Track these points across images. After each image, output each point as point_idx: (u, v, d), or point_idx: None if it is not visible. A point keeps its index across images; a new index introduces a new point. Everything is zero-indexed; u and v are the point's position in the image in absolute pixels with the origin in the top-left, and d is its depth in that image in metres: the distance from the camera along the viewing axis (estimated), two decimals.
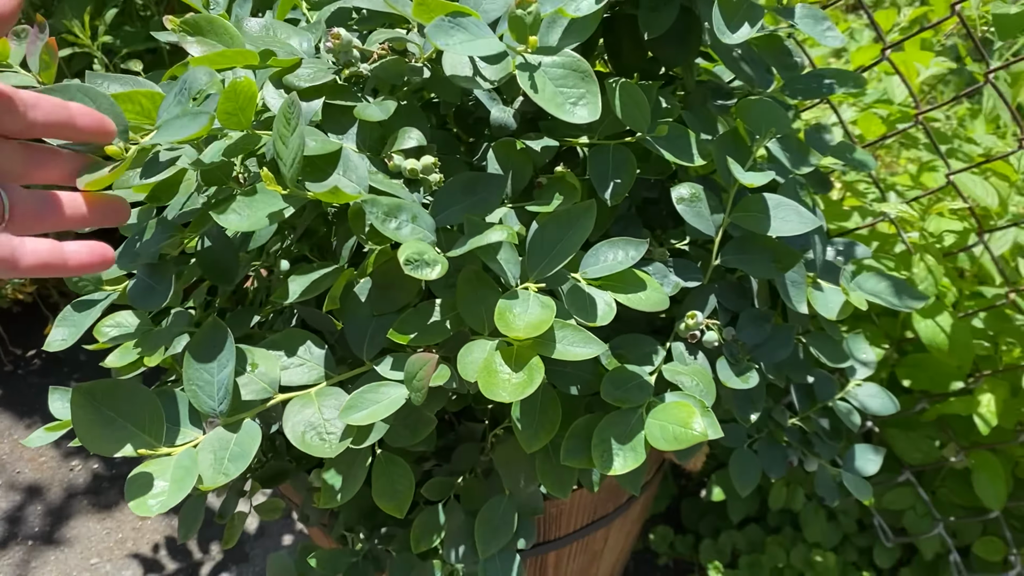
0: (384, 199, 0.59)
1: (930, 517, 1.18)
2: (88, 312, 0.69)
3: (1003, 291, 1.01)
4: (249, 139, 0.62)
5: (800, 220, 0.67)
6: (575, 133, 0.73)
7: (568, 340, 0.57)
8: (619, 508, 0.94)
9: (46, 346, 0.69)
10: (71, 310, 0.70)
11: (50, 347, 0.69)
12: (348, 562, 0.76)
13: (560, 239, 0.61)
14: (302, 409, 0.59)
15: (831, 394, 0.86)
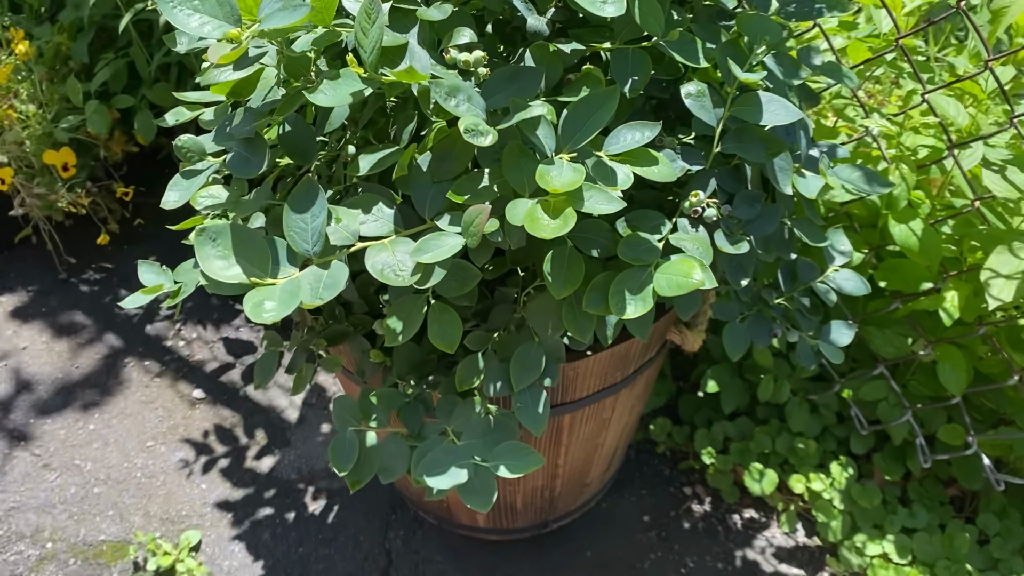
0: (446, 81, 0.72)
1: (900, 406, 1.33)
2: (195, 179, 0.83)
3: (970, 199, 1.15)
4: (331, 33, 0.75)
5: (787, 112, 0.80)
6: (599, 39, 0.86)
7: (594, 199, 0.71)
8: (626, 379, 1.09)
9: (163, 204, 0.82)
10: (180, 178, 0.83)
11: (166, 206, 0.82)
12: (402, 401, 0.90)
13: (588, 117, 0.74)
14: (379, 253, 0.73)
15: (812, 277, 1.00)
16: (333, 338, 0.98)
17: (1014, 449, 1.29)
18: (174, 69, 1.84)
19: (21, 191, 1.74)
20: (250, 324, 1.79)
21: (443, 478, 0.82)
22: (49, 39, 1.87)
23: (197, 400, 1.64)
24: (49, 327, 1.78)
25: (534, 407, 0.86)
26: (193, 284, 0.92)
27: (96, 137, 1.85)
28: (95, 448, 1.56)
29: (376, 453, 0.89)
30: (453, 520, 1.34)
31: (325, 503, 1.46)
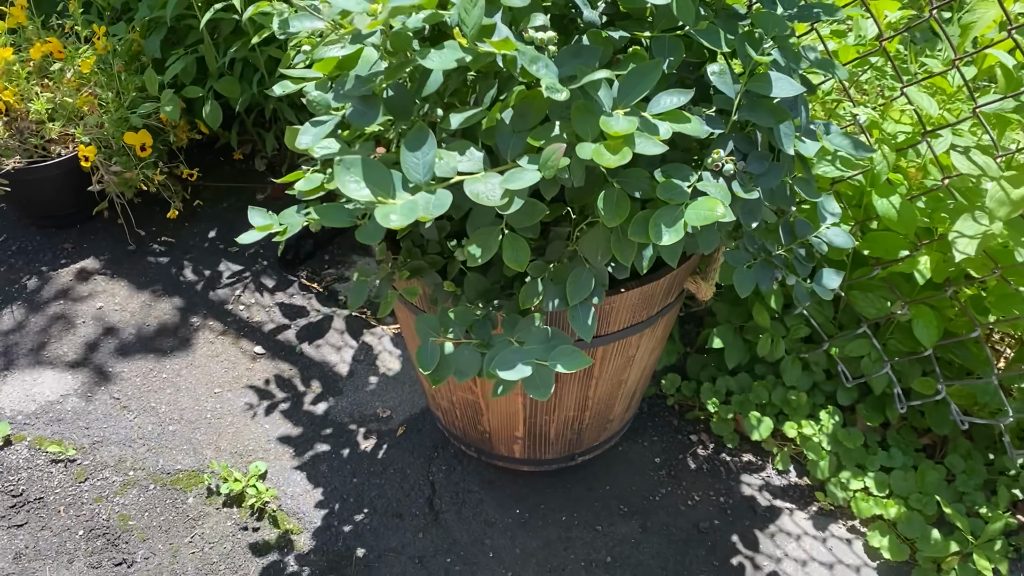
0: (529, 50, 0.93)
1: (881, 361, 1.55)
2: (322, 127, 1.03)
3: (940, 179, 1.37)
4: (435, 15, 0.97)
5: (791, 87, 1.02)
6: (640, 29, 1.07)
7: (643, 144, 0.92)
8: (650, 318, 1.29)
9: (298, 146, 1.03)
10: (310, 126, 1.04)
11: (299, 146, 1.03)
12: (474, 318, 1.11)
13: (637, 83, 0.95)
14: (475, 183, 0.94)
15: (807, 232, 1.22)
16: (414, 271, 1.18)
17: (977, 398, 1.50)
18: (238, 64, 2.05)
19: (100, 168, 1.95)
20: (301, 292, 1.99)
21: (511, 372, 1.02)
22: (124, 36, 2.08)
23: (258, 355, 1.84)
24: (122, 290, 1.98)
25: (584, 319, 1.07)
26: (298, 226, 1.13)
27: (166, 124, 2.06)
28: (168, 393, 1.75)
29: (453, 358, 1.09)
30: (493, 452, 1.54)
31: (375, 442, 1.66)
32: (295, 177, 1.16)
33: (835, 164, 1.37)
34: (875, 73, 1.58)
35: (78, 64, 1.98)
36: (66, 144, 2.00)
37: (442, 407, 1.52)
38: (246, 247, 2.09)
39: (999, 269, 1.34)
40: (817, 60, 1.20)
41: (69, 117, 1.98)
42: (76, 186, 2.04)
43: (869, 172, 1.42)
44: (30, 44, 2.05)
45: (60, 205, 2.10)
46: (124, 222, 2.12)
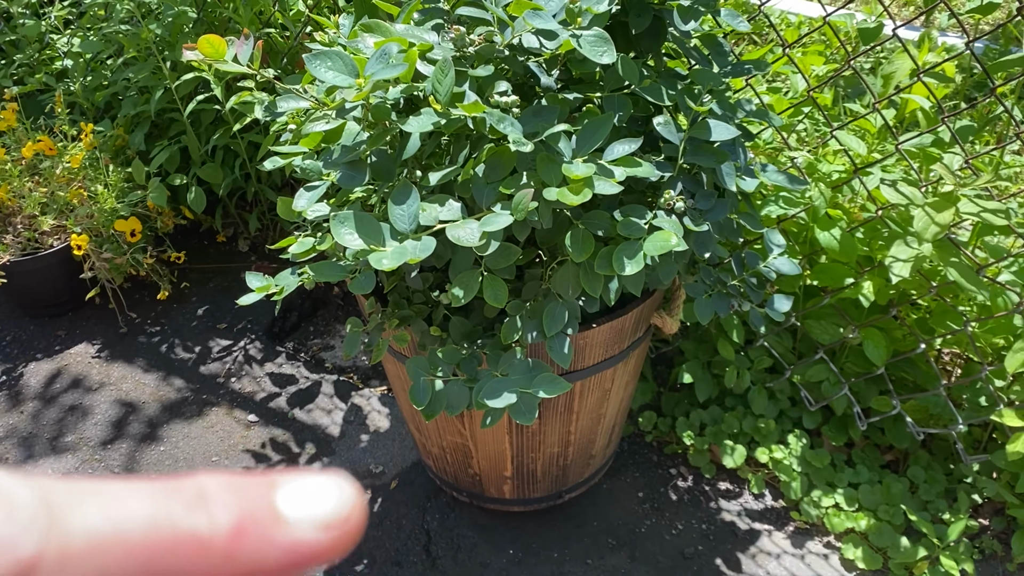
0: (495, 111, 1.06)
1: (839, 383, 1.66)
2: (315, 191, 1.15)
3: (874, 210, 1.51)
4: (411, 87, 1.10)
5: (728, 131, 1.16)
6: (592, 90, 1.21)
7: (601, 185, 1.04)
8: (622, 352, 1.40)
9: (294, 209, 1.14)
10: (304, 191, 1.15)
11: (296, 208, 1.14)
12: (460, 356, 1.21)
13: (593, 134, 1.08)
14: (455, 229, 1.05)
15: (757, 263, 1.34)
16: (403, 319, 1.29)
17: (929, 410, 1.62)
18: (220, 152, 2.18)
19: (92, 256, 2.04)
20: (289, 361, 2.08)
21: (498, 400, 1.12)
22: (109, 132, 2.21)
23: (251, 423, 1.91)
24: (116, 371, 2.06)
25: (561, 348, 1.17)
26: (293, 285, 1.24)
27: (153, 211, 2.17)
28: (167, 465, 1.82)
29: (444, 394, 1.19)
30: (484, 494, 1.62)
31: (370, 496, 1.73)
32: (288, 242, 1.27)
33: (779, 203, 1.51)
34: (811, 123, 1.74)
35: (67, 160, 2.10)
36: (58, 235, 2.10)
37: (433, 454, 1.61)
38: (234, 323, 2.18)
39: (935, 288, 1.47)
40: (753, 111, 1.35)
41: (60, 210, 2.09)
42: (68, 275, 2.13)
43: (811, 209, 1.56)
44: (20, 144, 2.17)
45: (53, 294, 2.18)
46: (115, 306, 2.21)
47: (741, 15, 1.23)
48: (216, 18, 2.12)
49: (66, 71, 2.43)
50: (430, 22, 1.32)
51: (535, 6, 1.07)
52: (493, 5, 1.19)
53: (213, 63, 1.17)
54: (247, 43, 1.21)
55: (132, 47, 2.10)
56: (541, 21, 1.06)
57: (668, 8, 1.23)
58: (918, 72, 1.37)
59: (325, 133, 1.19)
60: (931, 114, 1.61)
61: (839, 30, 1.92)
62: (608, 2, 1.10)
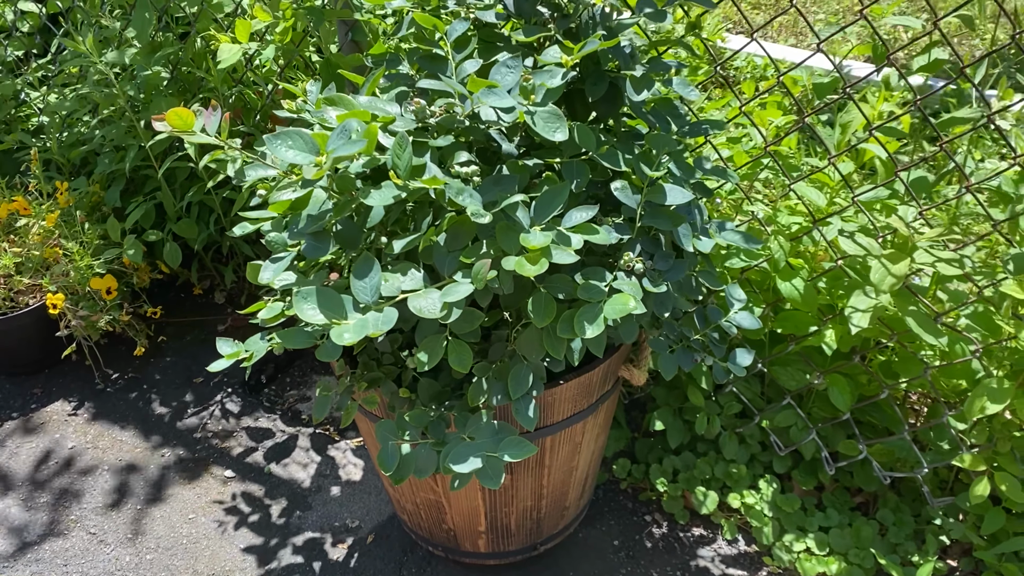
0: (455, 183, 1.09)
1: (807, 428, 1.69)
2: (281, 262, 1.17)
3: (834, 261, 1.54)
4: (373, 160, 1.13)
5: (683, 195, 1.19)
6: (551, 156, 1.25)
7: (559, 255, 1.07)
8: (591, 406, 1.43)
9: (260, 281, 1.16)
10: (270, 263, 1.18)
11: (262, 281, 1.16)
12: (428, 419, 1.23)
13: (550, 202, 1.11)
14: (417, 299, 1.08)
15: (719, 317, 1.37)
16: (371, 381, 1.31)
17: (895, 454, 1.64)
18: (194, 207, 2.20)
19: (68, 314, 2.05)
20: (266, 414, 2.09)
21: (464, 465, 1.14)
22: (84, 189, 2.23)
23: (228, 478, 1.92)
24: (93, 428, 2.06)
25: (526, 410, 1.19)
26: (262, 351, 1.26)
27: (129, 267, 2.19)
28: (144, 523, 1.82)
29: (412, 458, 1.21)
30: (459, 548, 1.63)
31: (346, 552, 1.74)
32: (257, 307, 1.29)
33: (740, 256, 1.55)
34: (772, 172, 1.78)
35: (43, 219, 2.12)
36: (34, 294, 2.11)
37: (407, 510, 1.62)
38: (211, 376, 2.19)
39: (895, 335, 1.50)
40: (711, 168, 1.38)
41: (36, 268, 2.10)
42: (44, 333, 2.14)
43: (772, 259, 1.59)
44: None
45: (29, 352, 2.19)
46: (92, 363, 2.22)
47: (692, 85, 1.27)
48: (189, 78, 2.15)
49: (42, 128, 2.45)
50: (394, 90, 1.36)
51: (491, 84, 1.10)
52: (452, 79, 1.23)
53: (182, 135, 1.19)
54: (215, 115, 1.24)
55: (107, 106, 2.13)
56: (496, 99, 1.09)
57: (623, 76, 1.27)
58: (870, 129, 1.41)
59: (292, 201, 1.22)
60: (888, 163, 1.65)
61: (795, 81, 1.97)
62: (561, 77, 1.13)
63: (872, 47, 1.53)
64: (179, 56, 2.07)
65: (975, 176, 1.61)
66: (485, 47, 1.32)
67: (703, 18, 2.41)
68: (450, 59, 1.27)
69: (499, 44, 1.33)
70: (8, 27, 2.54)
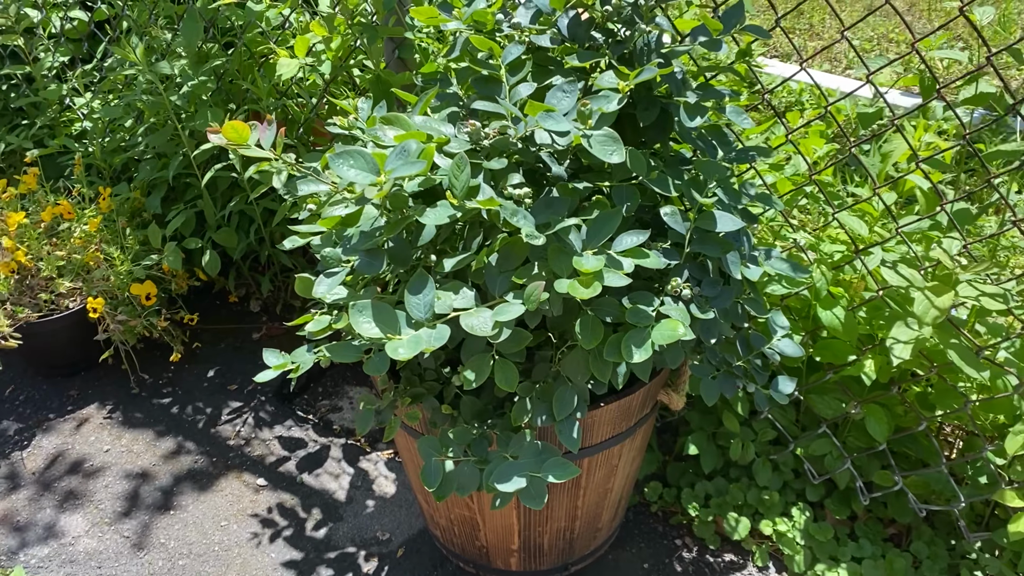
0: (509, 204, 1.11)
1: (842, 458, 1.68)
2: (335, 277, 1.18)
3: (875, 291, 1.54)
4: (428, 180, 1.15)
5: (734, 223, 1.20)
6: (601, 180, 1.26)
7: (610, 278, 1.08)
8: (629, 429, 1.43)
9: (314, 295, 1.17)
10: (324, 277, 1.19)
11: (315, 295, 1.17)
12: (471, 437, 1.24)
13: (603, 227, 1.12)
14: (468, 317, 1.09)
15: (762, 344, 1.37)
16: (415, 397, 1.32)
17: (931, 487, 1.63)
18: (235, 217, 2.23)
19: (107, 318, 2.08)
20: (298, 424, 2.10)
21: (508, 484, 1.15)
22: (126, 195, 2.26)
23: (260, 487, 1.93)
24: (128, 432, 2.08)
25: (570, 432, 1.20)
26: (309, 363, 1.28)
27: (167, 273, 2.22)
28: (176, 528, 1.84)
29: (455, 475, 1.22)
30: (491, 566, 1.64)
31: (377, 564, 1.75)
32: (304, 320, 1.30)
33: (781, 283, 1.55)
34: (811, 200, 1.79)
35: (85, 223, 2.15)
36: (74, 297, 2.14)
37: (441, 525, 1.63)
38: (245, 384, 2.21)
39: (935, 368, 1.50)
40: (757, 195, 1.39)
41: (77, 272, 2.13)
42: (82, 336, 2.17)
43: (813, 287, 1.59)
44: (39, 207, 2.22)
45: (67, 355, 2.22)
46: (128, 367, 2.24)
47: (744, 112, 1.28)
48: (234, 89, 2.18)
49: (84, 133, 2.49)
50: (446, 110, 1.38)
51: (548, 108, 1.12)
52: (506, 101, 1.25)
53: (237, 148, 1.21)
54: (270, 129, 1.26)
55: (152, 114, 2.16)
56: (553, 122, 1.11)
57: (675, 103, 1.28)
58: (917, 160, 1.42)
59: (343, 217, 1.24)
60: (930, 194, 1.65)
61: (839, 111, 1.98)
62: (617, 102, 1.15)
63: (920, 79, 1.53)
64: (225, 67, 2.10)
65: (1020, 210, 1.60)
66: (538, 70, 1.34)
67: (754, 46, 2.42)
68: (504, 81, 1.28)
69: (551, 68, 1.35)
70: (55, 33, 2.59)
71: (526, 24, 1.33)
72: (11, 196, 2.21)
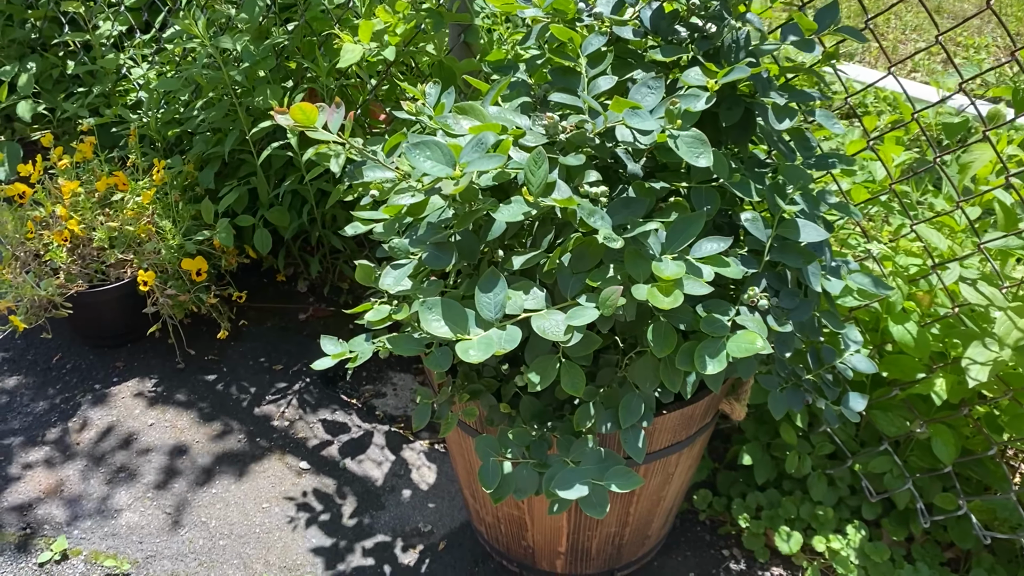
0: (586, 203, 1.06)
1: (903, 477, 1.63)
2: (402, 269, 1.15)
3: (950, 307, 1.48)
4: (503, 174, 1.11)
5: (818, 233, 1.15)
6: (677, 179, 1.21)
7: (690, 286, 1.04)
8: (689, 438, 1.39)
9: (381, 287, 1.14)
10: (391, 269, 1.16)
11: (382, 287, 1.14)
12: (531, 439, 1.20)
13: (683, 232, 1.08)
14: (540, 319, 1.05)
15: (833, 358, 1.32)
16: (473, 394, 1.28)
17: (997, 513, 1.57)
18: (287, 196, 2.20)
19: (156, 292, 2.07)
20: (342, 408, 2.08)
21: (570, 492, 1.11)
22: (180, 169, 2.25)
23: (303, 470, 1.92)
24: (172, 407, 2.08)
25: (636, 441, 1.16)
26: (367, 353, 1.25)
27: (217, 249, 2.20)
28: (218, 508, 1.83)
29: (513, 477, 1.18)
30: (535, 567, 1.60)
31: (417, 557, 1.72)
32: (364, 308, 1.27)
33: (854, 296, 1.49)
34: (884, 208, 1.72)
35: (138, 195, 2.14)
36: (124, 269, 2.14)
37: (486, 522, 1.60)
38: (290, 364, 2.20)
39: (1011, 391, 1.44)
40: (835, 204, 1.34)
41: (128, 244, 2.12)
42: (130, 308, 2.16)
43: (885, 300, 1.53)
44: (94, 176, 2.21)
45: (115, 326, 2.22)
46: (175, 342, 2.24)
47: (835, 117, 1.22)
48: (294, 66, 2.15)
49: (139, 103, 2.48)
50: (517, 99, 1.34)
51: (634, 104, 1.07)
52: (584, 94, 1.20)
53: (304, 130, 1.18)
54: (338, 112, 1.22)
55: (210, 89, 2.14)
56: (639, 120, 1.06)
57: (759, 103, 1.22)
58: (1007, 175, 1.35)
59: (409, 206, 1.20)
60: (1011, 210, 1.58)
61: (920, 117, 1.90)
62: (704, 101, 1.10)
63: (1013, 92, 1.47)
64: (286, 45, 2.08)
65: None
66: (618, 63, 1.29)
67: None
68: (584, 73, 1.24)
69: (631, 61, 1.30)
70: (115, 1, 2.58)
71: (608, 14, 1.28)
72: (66, 164, 2.20)
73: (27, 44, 2.72)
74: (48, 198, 2.15)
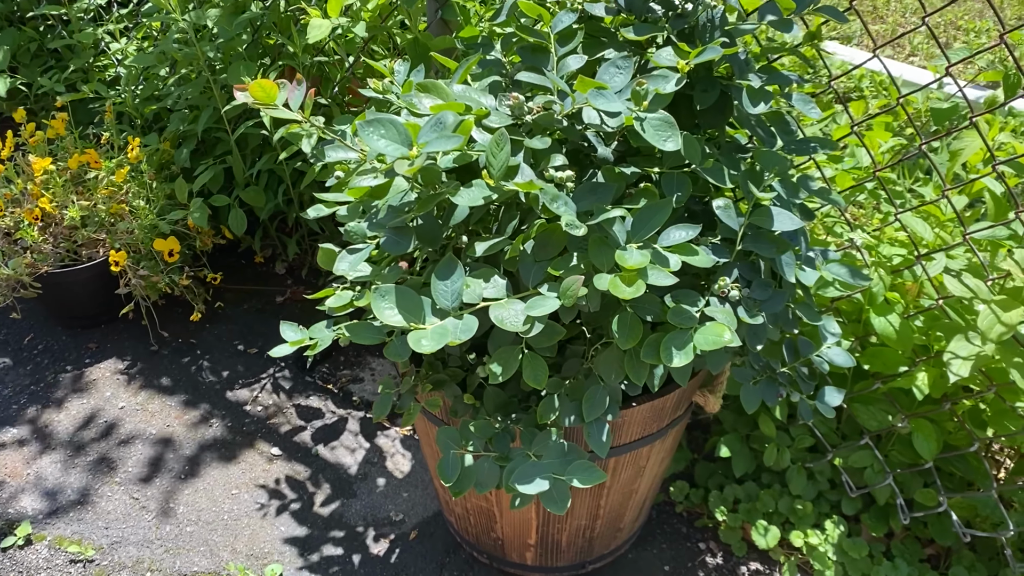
0: (550, 188, 1.02)
1: (883, 472, 1.59)
2: (358, 254, 1.11)
3: (935, 299, 1.44)
4: (464, 156, 1.06)
5: (792, 222, 1.10)
6: (650, 165, 1.16)
7: (655, 276, 0.99)
8: (660, 431, 1.35)
9: (336, 271, 1.10)
10: (346, 253, 1.12)
11: (337, 271, 1.10)
12: (493, 431, 1.16)
13: (649, 219, 1.03)
14: (498, 309, 1.01)
15: (810, 351, 1.28)
16: (436, 384, 1.24)
17: (978, 511, 1.54)
18: (263, 175, 2.16)
19: (129, 272, 2.03)
20: (317, 393, 2.04)
21: (530, 486, 1.07)
22: (155, 147, 2.20)
23: (274, 456, 1.88)
24: (144, 390, 2.04)
25: (600, 435, 1.12)
26: (327, 340, 1.20)
27: (192, 230, 2.16)
28: (186, 493, 1.79)
29: (474, 471, 1.14)
30: (505, 559, 1.57)
31: (387, 546, 1.69)
32: (326, 294, 1.23)
33: (835, 286, 1.45)
34: (871, 196, 1.67)
35: (112, 173, 2.09)
36: (96, 248, 2.09)
37: (456, 513, 1.56)
38: (265, 348, 2.16)
39: (994, 387, 1.40)
40: (816, 190, 1.29)
41: (101, 223, 2.08)
42: (103, 288, 2.12)
43: (867, 291, 1.49)
44: (67, 154, 2.16)
45: (87, 306, 2.17)
46: (148, 323, 2.20)
47: (812, 101, 1.17)
48: (269, 43, 2.10)
49: (117, 79, 2.43)
50: (487, 78, 1.29)
51: (599, 85, 1.02)
52: (553, 73, 1.15)
53: (263, 107, 1.14)
54: (299, 89, 1.18)
55: (185, 65, 2.09)
56: (605, 101, 1.01)
57: (736, 85, 1.17)
58: (993, 163, 1.30)
59: (372, 188, 1.15)
60: (1001, 200, 1.53)
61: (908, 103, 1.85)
62: (675, 83, 1.05)
63: (1003, 77, 1.41)
64: (262, 20, 2.02)
65: None
66: (590, 41, 1.24)
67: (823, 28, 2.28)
68: (553, 52, 1.19)
69: (604, 40, 1.25)
70: None
71: None
72: (39, 140, 2.15)
73: (4, 17, 2.66)
74: (20, 175, 2.10)
